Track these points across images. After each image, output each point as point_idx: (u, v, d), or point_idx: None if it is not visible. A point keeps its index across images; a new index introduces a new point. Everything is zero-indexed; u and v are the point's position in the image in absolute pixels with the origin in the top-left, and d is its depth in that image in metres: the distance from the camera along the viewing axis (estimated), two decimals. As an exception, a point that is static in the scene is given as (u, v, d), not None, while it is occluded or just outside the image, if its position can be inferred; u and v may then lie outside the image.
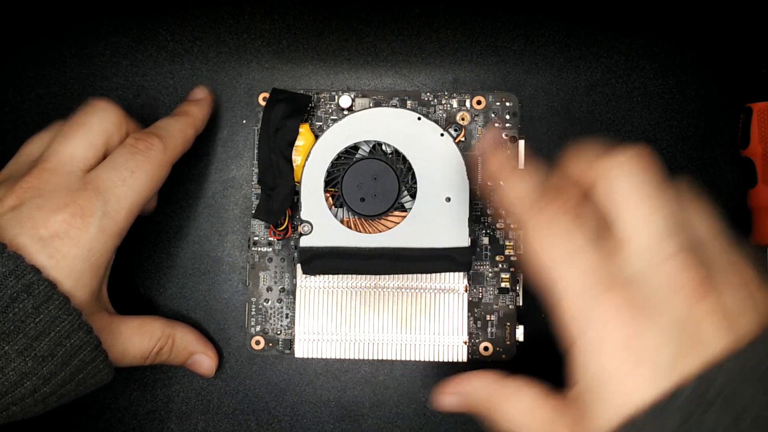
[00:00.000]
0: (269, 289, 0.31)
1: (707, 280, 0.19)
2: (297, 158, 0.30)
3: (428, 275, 0.30)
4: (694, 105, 0.34)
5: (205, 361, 0.31)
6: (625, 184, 0.21)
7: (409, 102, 0.32)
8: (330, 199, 0.31)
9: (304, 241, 0.30)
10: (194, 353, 0.31)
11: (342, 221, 0.30)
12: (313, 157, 0.30)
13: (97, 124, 0.27)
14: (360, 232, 0.30)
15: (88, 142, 0.27)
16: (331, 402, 0.33)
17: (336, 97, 0.32)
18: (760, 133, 0.32)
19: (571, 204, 0.21)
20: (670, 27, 0.34)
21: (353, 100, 0.31)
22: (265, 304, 0.31)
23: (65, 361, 0.24)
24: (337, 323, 0.30)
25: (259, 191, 0.32)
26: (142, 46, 0.35)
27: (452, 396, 0.26)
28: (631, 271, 0.20)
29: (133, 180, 0.27)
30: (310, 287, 0.30)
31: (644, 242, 0.20)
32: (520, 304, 0.31)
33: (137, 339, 0.29)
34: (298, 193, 0.30)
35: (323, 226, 0.30)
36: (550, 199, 0.22)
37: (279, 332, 0.31)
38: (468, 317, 0.30)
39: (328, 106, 0.32)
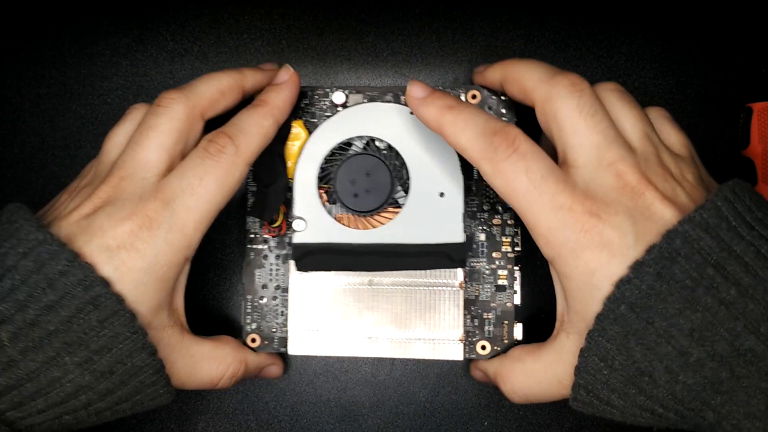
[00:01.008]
0: (264, 286, 0.31)
1: (643, 178, 0.23)
2: (290, 153, 0.30)
3: (423, 271, 0.30)
4: (694, 105, 0.34)
5: (272, 370, 0.31)
6: (565, 109, 0.25)
7: (403, 98, 0.31)
8: (324, 195, 0.30)
9: (297, 238, 0.29)
10: (264, 367, 0.31)
11: (336, 218, 0.30)
12: (306, 153, 0.30)
13: (164, 124, 0.26)
14: (354, 228, 0.30)
15: (159, 145, 0.26)
16: (331, 402, 0.33)
17: (329, 93, 0.31)
18: (760, 133, 0.32)
19: (521, 140, 0.24)
20: (670, 27, 0.34)
21: (347, 97, 0.31)
22: (260, 301, 0.31)
23: (124, 380, 0.24)
24: (331, 320, 0.30)
25: (254, 189, 0.31)
26: (142, 46, 0.35)
27: (477, 371, 0.31)
28: (583, 182, 0.24)
29: (201, 189, 0.25)
30: (304, 284, 0.30)
31: (587, 157, 0.24)
32: (518, 302, 0.31)
33: (207, 364, 0.28)
34: (291, 189, 0.30)
35: (316, 222, 0.29)
36: (502, 138, 0.24)
37: (275, 330, 0.31)
38: (465, 315, 0.30)
39: (322, 102, 0.31)
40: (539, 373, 0.26)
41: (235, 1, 0.34)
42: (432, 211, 0.29)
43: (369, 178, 0.30)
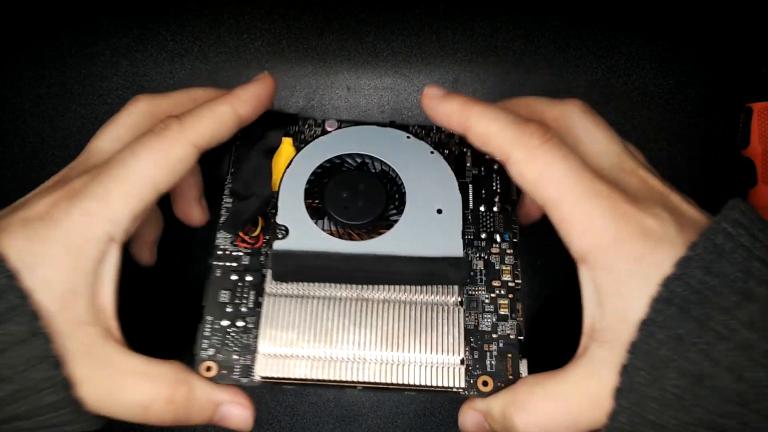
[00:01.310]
0: (228, 307, 0.27)
1: (664, 184, 0.24)
2: (276, 168, 0.29)
3: (418, 286, 0.27)
4: (694, 105, 0.34)
5: (235, 411, 0.24)
6: (582, 123, 0.26)
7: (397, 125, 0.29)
8: (310, 210, 0.28)
9: (277, 245, 0.26)
10: (221, 403, 0.24)
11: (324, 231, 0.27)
12: (295, 165, 0.28)
13: (123, 118, 0.26)
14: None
15: (114, 137, 0.26)
16: (331, 402, 0.33)
17: (323, 122, 0.30)
18: (760, 133, 0.32)
19: (554, 133, 0.24)
20: (670, 27, 0.34)
21: (339, 125, 0.30)
22: (221, 323, 0.27)
23: (21, 392, 0.21)
24: (310, 338, 0.26)
25: (229, 205, 0.29)
26: (142, 46, 0.35)
27: (471, 414, 0.26)
28: (613, 180, 0.24)
29: (135, 161, 0.23)
30: (280, 296, 0.26)
31: (610, 161, 0.25)
32: (522, 337, 0.27)
33: (134, 381, 0.22)
34: (274, 200, 0.28)
35: (301, 230, 0.27)
36: (535, 127, 0.24)
37: (237, 357, 0.26)
38: (464, 343, 0.26)
39: (313, 131, 0.30)
40: (566, 394, 0.22)
41: (235, 1, 0.35)
42: (429, 227, 0.27)
43: (361, 190, 0.28)
